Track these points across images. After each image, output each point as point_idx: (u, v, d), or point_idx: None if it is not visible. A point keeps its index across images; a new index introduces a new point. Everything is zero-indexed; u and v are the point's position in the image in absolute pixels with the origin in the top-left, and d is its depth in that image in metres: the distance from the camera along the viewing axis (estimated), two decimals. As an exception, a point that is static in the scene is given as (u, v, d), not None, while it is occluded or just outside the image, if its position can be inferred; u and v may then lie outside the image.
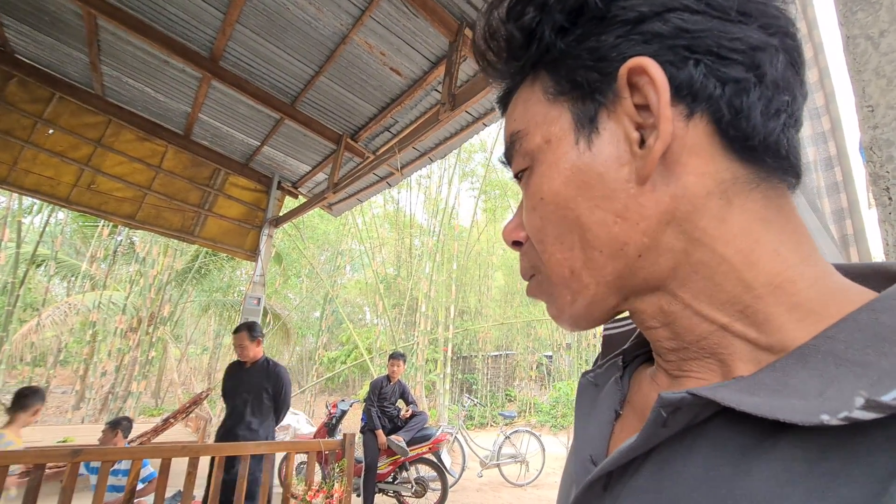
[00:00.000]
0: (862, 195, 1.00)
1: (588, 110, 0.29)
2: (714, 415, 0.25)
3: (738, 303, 0.27)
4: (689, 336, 0.29)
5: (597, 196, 0.29)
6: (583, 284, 0.30)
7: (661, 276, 0.29)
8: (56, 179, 4.29)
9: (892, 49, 0.91)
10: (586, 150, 0.29)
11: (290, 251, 13.61)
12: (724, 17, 0.26)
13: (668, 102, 0.26)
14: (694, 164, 0.27)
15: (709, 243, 0.27)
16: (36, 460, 1.93)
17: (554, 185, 0.30)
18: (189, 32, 3.37)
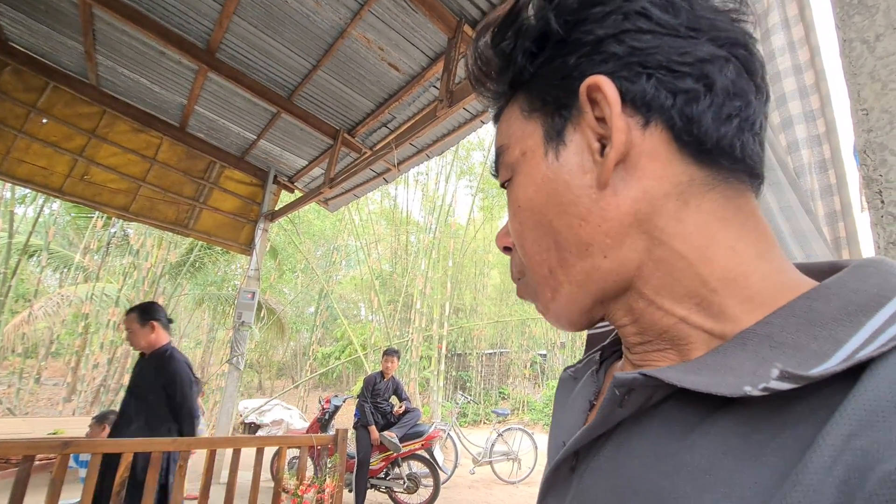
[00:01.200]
0: (855, 198, 1.01)
1: (556, 125, 0.32)
2: (668, 397, 0.28)
3: (696, 296, 0.29)
4: (653, 329, 0.31)
5: (564, 202, 0.31)
6: (559, 282, 0.33)
7: (628, 276, 0.31)
8: (49, 170, 4.25)
9: (887, 53, 0.92)
10: (554, 161, 0.32)
11: (286, 246, 13.55)
12: (674, 34, 0.29)
13: (619, 114, 0.29)
14: (652, 169, 0.29)
15: (667, 241, 0.29)
16: (26, 451, 1.92)
17: (528, 192, 0.33)
18: (186, 23, 3.34)
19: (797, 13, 1.13)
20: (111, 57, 3.82)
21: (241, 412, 8.43)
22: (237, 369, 5.09)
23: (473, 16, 2.79)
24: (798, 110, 1.09)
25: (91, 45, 3.66)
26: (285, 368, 17.88)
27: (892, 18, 0.92)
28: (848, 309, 0.24)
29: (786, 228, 0.99)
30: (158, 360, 2.66)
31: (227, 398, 4.98)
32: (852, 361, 0.21)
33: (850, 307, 0.24)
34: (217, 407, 8.44)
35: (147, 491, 2.17)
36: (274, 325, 12.49)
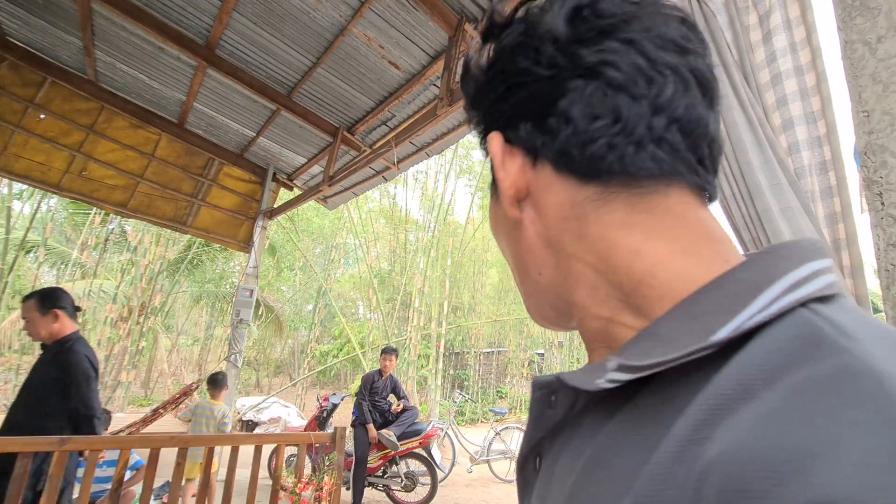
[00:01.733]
0: (855, 200, 1.01)
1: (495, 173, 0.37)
2: (591, 400, 0.30)
3: (614, 298, 0.31)
4: (590, 332, 0.33)
5: (504, 232, 0.38)
6: (523, 293, 0.39)
7: (562, 289, 0.34)
8: (47, 165, 4.24)
9: (888, 55, 0.92)
10: (496, 201, 0.38)
11: (285, 243, 13.53)
12: (539, 80, 0.32)
13: (500, 163, 0.34)
14: (548, 198, 0.33)
15: (579, 255, 0.32)
16: (23, 448, 1.91)
17: (491, 221, 0.40)
18: (185, 19, 3.32)
19: (799, 14, 1.13)
20: (110, 52, 3.80)
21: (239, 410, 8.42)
22: (235, 367, 5.09)
23: (474, 14, 2.78)
24: (799, 112, 1.09)
25: (90, 41, 3.64)
26: (283, 366, 17.87)
27: (893, 20, 0.92)
28: (724, 300, 0.24)
29: (785, 230, 1.00)
30: (56, 351, 2.32)
31: (224, 396, 4.96)
32: (702, 346, 0.23)
33: (727, 299, 0.24)
34: (214, 404, 8.42)
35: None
36: (272, 323, 12.48)
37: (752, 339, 0.22)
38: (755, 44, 1.19)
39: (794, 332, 0.22)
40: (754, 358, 0.21)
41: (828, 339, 0.20)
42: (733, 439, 0.18)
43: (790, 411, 0.18)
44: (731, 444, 0.18)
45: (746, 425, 0.19)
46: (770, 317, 0.22)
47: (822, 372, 0.19)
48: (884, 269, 0.85)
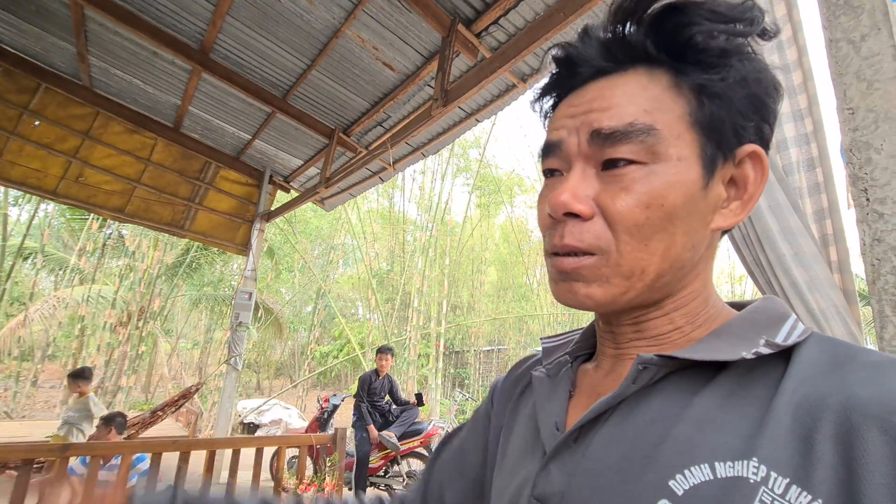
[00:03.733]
0: (842, 196, 1.03)
1: (714, 155, 0.37)
2: (662, 378, 0.36)
3: (696, 316, 0.40)
4: (652, 332, 0.40)
5: (692, 226, 0.37)
6: (641, 283, 0.37)
7: (668, 293, 0.39)
8: (43, 171, 4.23)
9: (872, 53, 0.93)
10: (702, 188, 0.37)
11: (283, 245, 13.52)
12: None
13: (763, 187, 0.39)
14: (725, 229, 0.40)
15: (704, 281, 0.40)
16: (26, 455, 1.92)
17: (678, 200, 0.36)
18: (178, 24, 3.32)
19: (785, 13, 1.14)
20: (104, 58, 3.80)
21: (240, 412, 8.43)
22: (235, 370, 5.09)
23: (467, 15, 2.79)
24: (787, 109, 1.10)
25: (83, 46, 3.64)
26: (283, 368, 17.86)
27: (876, 19, 0.94)
28: (771, 319, 0.37)
29: (774, 226, 1.01)
30: None
31: (225, 399, 4.97)
32: (790, 342, 0.33)
33: (771, 319, 0.37)
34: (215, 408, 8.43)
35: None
36: (272, 325, 12.47)
37: (799, 347, 0.33)
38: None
39: (832, 342, 0.34)
40: (819, 352, 0.32)
41: (855, 345, 0.33)
42: (853, 390, 0.28)
43: (886, 374, 0.28)
44: (854, 392, 0.28)
45: (856, 383, 0.28)
46: (805, 335, 0.34)
47: (880, 358, 0.30)
48: (870, 263, 0.86)
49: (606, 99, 0.37)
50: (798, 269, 0.98)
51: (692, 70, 0.36)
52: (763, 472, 0.28)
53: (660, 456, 0.32)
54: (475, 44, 2.86)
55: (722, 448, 0.30)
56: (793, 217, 1.03)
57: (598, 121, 0.37)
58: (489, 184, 13.56)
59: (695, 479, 0.30)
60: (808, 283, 0.96)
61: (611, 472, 0.34)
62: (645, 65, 0.38)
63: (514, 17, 2.69)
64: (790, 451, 0.28)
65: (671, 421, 0.33)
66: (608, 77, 0.38)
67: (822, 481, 0.26)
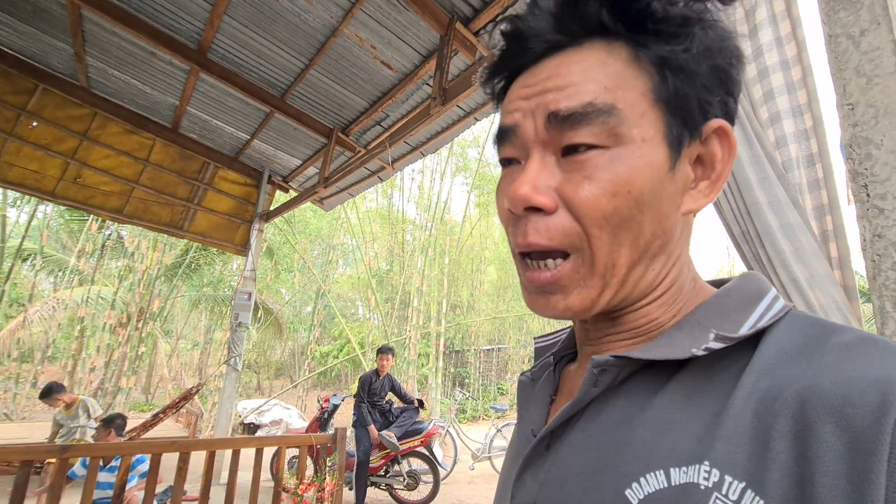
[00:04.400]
0: (842, 192, 1.02)
1: (680, 134, 0.34)
2: (628, 377, 0.34)
3: (672, 303, 0.37)
4: (628, 326, 0.38)
5: (661, 211, 0.34)
6: (615, 278, 0.34)
7: (646, 289, 0.36)
8: (41, 173, 4.22)
9: (872, 48, 0.93)
10: (670, 170, 0.34)
11: (282, 245, 13.51)
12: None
13: (731, 164, 0.36)
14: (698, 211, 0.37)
15: (680, 268, 0.37)
16: (25, 457, 1.92)
17: (645, 185, 0.33)
18: (176, 24, 3.31)
19: (784, 9, 1.14)
20: (101, 58, 3.79)
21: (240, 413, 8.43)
22: (235, 370, 5.09)
23: (465, 13, 2.78)
24: (786, 105, 1.10)
25: (80, 47, 3.63)
26: (284, 368, 17.85)
27: (876, 14, 0.93)
28: (741, 303, 0.33)
29: (774, 223, 1.01)
30: None
31: (225, 399, 4.97)
32: (753, 330, 0.31)
33: (742, 301, 0.34)
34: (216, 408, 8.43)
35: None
36: (271, 325, 12.46)
37: (771, 329, 0.31)
38: (741, 38, 1.20)
39: (806, 321, 0.31)
40: (789, 335, 0.30)
41: (830, 323, 0.30)
42: (813, 379, 0.25)
43: (853, 358, 0.26)
44: (814, 381, 0.25)
45: (818, 370, 0.26)
46: (778, 316, 0.31)
47: (851, 337, 0.27)
48: (870, 259, 0.86)
49: (562, 77, 0.34)
50: (798, 265, 0.98)
51: (652, 42, 0.33)
52: (716, 476, 0.26)
53: (620, 463, 0.30)
54: (473, 42, 2.85)
55: (677, 452, 0.28)
56: (792, 213, 1.02)
57: (555, 102, 0.33)
58: (488, 183, 13.55)
59: (650, 487, 0.28)
60: (809, 279, 0.96)
61: (577, 479, 0.33)
62: (602, 38, 0.34)
63: (512, 16, 2.68)
64: (747, 452, 0.26)
65: (632, 424, 0.32)
66: (563, 52, 0.35)
67: (777, 484, 0.24)
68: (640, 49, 0.33)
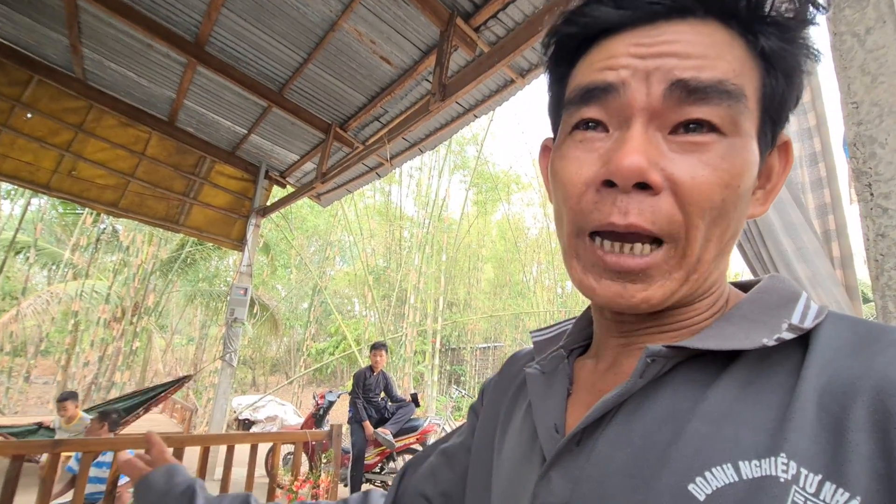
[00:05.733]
0: (844, 191, 1.02)
1: (766, 139, 0.34)
2: (670, 370, 0.33)
3: (713, 300, 0.37)
4: (672, 321, 0.36)
5: (744, 212, 0.34)
6: (697, 273, 0.33)
7: (710, 286, 0.36)
8: (35, 165, 4.17)
9: (877, 46, 0.92)
10: (755, 166, 0.33)
11: (279, 242, 13.47)
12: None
13: (784, 180, 0.37)
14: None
15: (725, 266, 0.37)
16: (16, 451, 1.90)
17: (748, 183, 0.32)
18: (173, 16, 3.28)
19: (789, 6, 1.13)
20: (97, 50, 3.74)
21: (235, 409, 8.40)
22: (230, 366, 5.06)
23: (466, 9, 2.76)
24: (789, 103, 1.09)
25: (76, 38, 3.59)
26: (279, 364, 17.83)
27: (882, 12, 0.92)
28: (781, 300, 0.33)
29: (776, 221, 1.00)
30: None
31: (220, 395, 4.95)
32: (815, 323, 0.30)
33: (782, 299, 0.34)
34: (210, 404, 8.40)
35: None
36: (267, 322, 12.43)
37: (816, 329, 0.30)
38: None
39: (851, 320, 0.31)
40: (839, 333, 0.30)
41: (875, 322, 0.30)
42: (883, 372, 0.25)
43: None
44: (885, 374, 0.25)
45: (884, 364, 0.26)
46: (823, 315, 0.31)
47: None
48: (873, 258, 0.85)
49: (692, 44, 0.31)
50: (800, 264, 0.97)
51: (768, 36, 0.31)
52: (794, 469, 0.25)
53: (674, 457, 0.29)
54: (473, 38, 2.84)
55: (745, 445, 0.27)
56: (795, 212, 1.02)
57: (682, 69, 0.30)
58: (486, 181, 13.54)
59: (718, 481, 0.27)
60: (811, 278, 0.95)
61: (619, 477, 0.31)
62: (719, 19, 0.32)
63: (512, 12, 2.67)
64: (820, 444, 0.25)
65: (684, 417, 0.30)
66: (687, 21, 0.32)
67: (858, 476, 0.23)
68: (751, 39, 0.32)
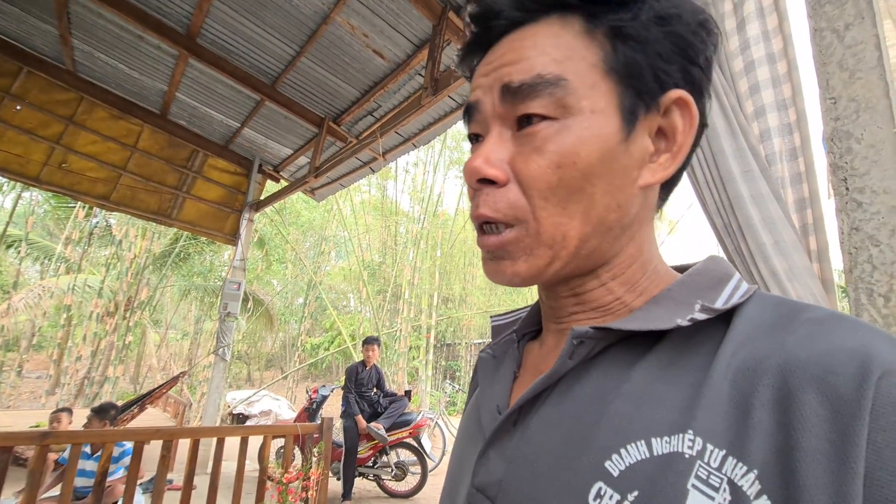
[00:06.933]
0: (822, 185, 1.03)
1: (634, 105, 0.34)
2: (601, 351, 0.34)
3: (634, 282, 0.37)
4: (593, 304, 0.38)
5: (614, 183, 0.34)
6: (566, 250, 0.34)
7: (601, 262, 0.37)
8: (25, 157, 4.14)
9: (855, 42, 0.93)
10: (623, 141, 0.34)
11: (273, 236, 13.42)
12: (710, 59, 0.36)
13: (693, 136, 0.35)
14: (657, 185, 0.37)
15: (640, 245, 0.37)
16: (4, 443, 1.89)
17: (592, 156, 0.33)
18: (164, 7, 3.25)
19: (772, 2, 1.14)
20: (88, 41, 3.71)
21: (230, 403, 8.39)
22: (223, 360, 5.06)
23: (458, 2, 2.75)
24: (771, 99, 1.10)
25: (66, 29, 3.55)
26: (274, 359, 17.81)
27: (860, 8, 0.93)
28: (712, 281, 0.35)
29: (756, 216, 1.01)
30: None
31: (213, 389, 4.95)
32: (730, 304, 0.31)
33: (713, 280, 0.35)
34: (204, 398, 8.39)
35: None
36: (262, 317, 12.40)
37: (742, 306, 0.31)
38: (729, 32, 1.20)
39: (774, 300, 0.32)
40: (761, 312, 0.31)
41: (797, 301, 0.31)
42: (792, 351, 0.26)
43: (826, 331, 0.27)
44: (793, 353, 0.26)
45: (794, 343, 0.27)
46: (748, 294, 0.32)
47: (820, 314, 0.28)
48: (847, 252, 0.87)
49: (517, 51, 0.35)
50: (778, 258, 0.99)
51: (604, 12, 0.34)
52: (699, 444, 0.26)
53: (596, 436, 0.30)
54: (466, 32, 2.83)
55: (658, 422, 0.28)
56: (774, 207, 1.03)
57: (508, 75, 0.34)
58: (482, 177, 13.50)
59: (631, 458, 0.28)
60: (788, 271, 0.97)
61: (548, 456, 0.32)
62: (558, 12, 0.35)
63: (505, 6, 2.66)
64: (727, 421, 0.26)
65: (608, 397, 0.32)
66: (521, 29, 0.36)
67: (758, 450, 0.25)
68: (592, 21, 0.34)
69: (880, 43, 0.91)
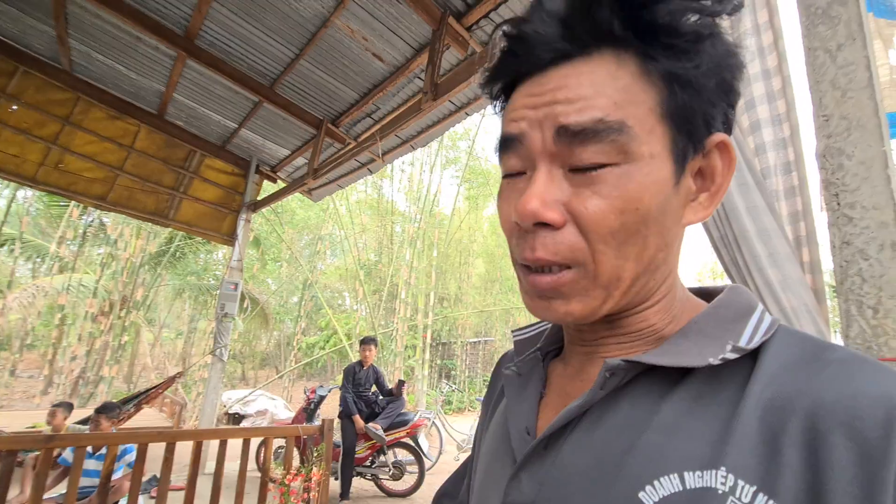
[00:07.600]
0: (815, 199, 1.07)
1: (685, 149, 0.35)
2: (631, 380, 0.35)
3: (668, 311, 0.39)
4: (625, 329, 0.39)
5: (666, 225, 0.35)
6: (619, 290, 0.35)
7: (647, 297, 0.38)
8: (21, 157, 4.12)
9: (847, 62, 0.97)
10: (674, 185, 0.35)
11: (269, 236, 13.38)
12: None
13: (731, 177, 0.37)
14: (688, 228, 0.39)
15: (674, 275, 0.39)
16: (9, 446, 1.90)
17: (652, 201, 0.33)
18: (163, 8, 3.25)
19: (767, 20, 1.18)
20: (85, 41, 3.70)
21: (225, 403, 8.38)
22: (221, 361, 5.06)
23: (458, 8, 2.78)
24: (766, 114, 1.14)
25: (63, 29, 3.54)
26: (269, 359, 17.77)
27: (852, 30, 0.97)
28: (737, 314, 0.36)
29: (751, 227, 1.05)
30: None
31: (210, 390, 4.95)
32: (758, 343, 0.32)
33: (738, 314, 0.36)
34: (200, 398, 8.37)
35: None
36: (257, 316, 12.38)
37: (766, 345, 0.33)
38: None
39: (799, 336, 0.33)
40: (787, 349, 0.32)
41: (820, 339, 0.33)
42: (819, 392, 0.28)
43: (850, 375, 0.28)
44: (819, 395, 0.28)
45: (820, 384, 0.28)
46: (773, 330, 0.33)
47: (844, 355, 0.30)
48: (838, 265, 0.91)
49: (572, 89, 0.33)
50: (772, 269, 1.02)
51: (662, 55, 0.33)
52: (731, 481, 0.27)
53: (629, 465, 0.31)
54: (465, 37, 2.86)
55: (691, 456, 0.29)
56: (769, 219, 1.07)
57: (565, 115, 0.33)
58: (478, 176, 13.56)
59: (664, 490, 0.29)
60: (781, 282, 1.00)
61: (581, 480, 0.33)
62: (611, 48, 0.33)
63: (504, 12, 2.69)
64: (757, 458, 0.27)
65: (639, 427, 0.32)
66: (572, 62, 0.34)
67: (787, 489, 0.26)
68: (649, 62, 0.33)
69: (870, 63, 0.95)
